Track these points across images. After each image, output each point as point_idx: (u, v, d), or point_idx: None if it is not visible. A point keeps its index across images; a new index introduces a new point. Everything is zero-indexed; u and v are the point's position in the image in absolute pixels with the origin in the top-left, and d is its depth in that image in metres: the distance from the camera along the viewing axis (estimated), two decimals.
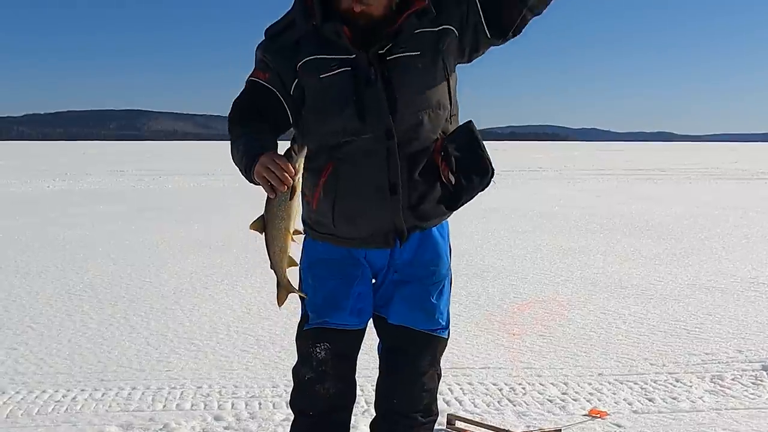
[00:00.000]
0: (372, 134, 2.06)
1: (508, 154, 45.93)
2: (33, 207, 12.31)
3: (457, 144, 2.15)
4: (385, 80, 2.05)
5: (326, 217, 2.17)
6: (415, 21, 2.07)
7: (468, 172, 2.15)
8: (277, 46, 2.14)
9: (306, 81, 2.10)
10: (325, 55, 2.07)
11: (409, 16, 2.05)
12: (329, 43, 2.06)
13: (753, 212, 11.71)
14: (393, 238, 2.18)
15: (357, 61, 2.05)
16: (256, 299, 5.34)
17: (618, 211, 11.80)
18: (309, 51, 2.09)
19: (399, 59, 2.07)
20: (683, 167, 29.90)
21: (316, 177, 2.12)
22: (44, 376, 3.66)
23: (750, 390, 3.53)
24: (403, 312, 2.26)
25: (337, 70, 2.05)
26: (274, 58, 2.13)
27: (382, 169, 2.09)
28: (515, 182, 19.19)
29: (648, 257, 7.28)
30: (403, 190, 2.12)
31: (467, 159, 2.14)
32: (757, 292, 5.71)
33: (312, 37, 2.09)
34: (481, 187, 2.19)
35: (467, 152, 2.15)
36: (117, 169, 26.71)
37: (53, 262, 6.87)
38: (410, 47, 2.07)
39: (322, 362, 2.25)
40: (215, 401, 3.32)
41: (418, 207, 2.16)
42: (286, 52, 2.11)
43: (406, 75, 2.07)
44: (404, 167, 2.11)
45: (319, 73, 2.07)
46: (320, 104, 2.09)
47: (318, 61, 2.07)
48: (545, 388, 3.53)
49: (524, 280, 6.11)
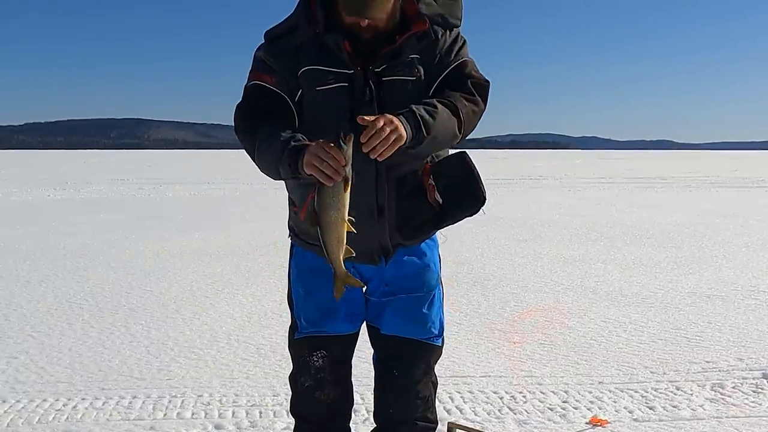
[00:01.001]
0: (361, 155, 2.00)
1: (509, 163, 46.00)
2: (34, 216, 12.32)
3: (449, 171, 2.17)
4: (379, 100, 2.05)
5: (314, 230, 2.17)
6: (415, 43, 2.08)
7: (458, 198, 2.17)
8: (278, 49, 2.12)
9: (305, 91, 2.09)
10: (324, 66, 2.06)
11: (409, 38, 2.07)
12: (329, 54, 2.06)
13: (753, 221, 11.71)
14: (378, 256, 2.20)
15: (354, 77, 2.05)
16: (256, 308, 5.34)
17: (618, 219, 11.81)
18: (309, 59, 2.08)
19: (394, 81, 2.07)
20: (683, 176, 29.92)
21: (305, 189, 2.09)
22: (45, 384, 3.66)
23: (750, 398, 3.52)
24: (395, 322, 2.27)
25: (334, 84, 2.05)
26: (276, 60, 2.11)
27: (370, 191, 2.09)
28: (516, 191, 19.22)
29: (648, 265, 7.28)
30: (390, 212, 2.14)
31: (458, 186, 2.17)
32: (757, 300, 5.71)
33: (313, 45, 2.08)
34: (469, 213, 2.20)
35: (459, 180, 2.17)
36: (117, 177, 26.74)
37: (54, 270, 6.88)
38: (406, 72, 2.07)
39: (320, 370, 2.27)
40: (216, 410, 3.32)
41: (404, 227, 2.18)
42: (288, 56, 2.10)
43: (400, 98, 2.05)
44: (392, 189, 2.12)
45: (316, 84, 2.07)
46: (314, 117, 2.09)
47: (316, 71, 2.07)
48: (546, 396, 3.53)
49: (525, 288, 6.11)
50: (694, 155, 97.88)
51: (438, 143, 2.06)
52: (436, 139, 2.01)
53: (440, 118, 2.01)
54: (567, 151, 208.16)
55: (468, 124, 2.12)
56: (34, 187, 20.79)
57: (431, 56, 2.12)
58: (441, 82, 2.13)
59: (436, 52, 2.12)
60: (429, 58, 2.12)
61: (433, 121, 1.98)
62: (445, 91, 2.11)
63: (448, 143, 2.12)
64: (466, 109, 2.09)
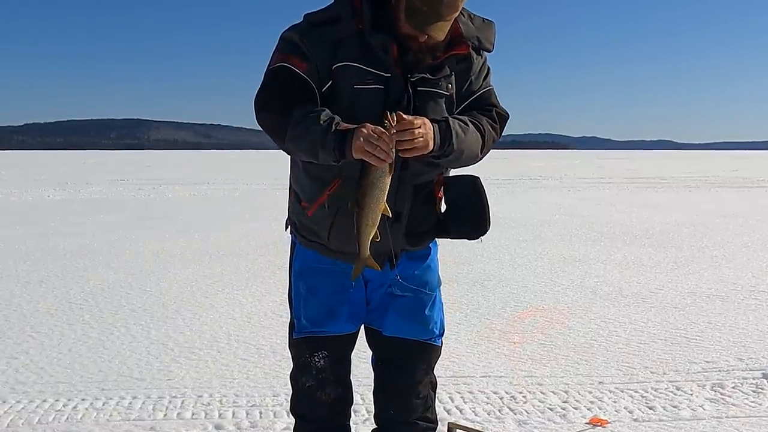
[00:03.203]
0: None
1: (509, 163, 46.00)
2: (33, 216, 12.32)
3: (459, 188, 2.22)
4: (414, 109, 2.03)
5: (321, 228, 2.17)
6: (454, 64, 2.11)
7: (461, 216, 2.21)
8: (317, 36, 2.06)
9: (339, 85, 2.05)
10: (364, 66, 2.03)
11: (450, 57, 2.09)
12: (371, 54, 2.03)
13: (753, 220, 11.71)
14: (384, 261, 2.20)
15: (393, 82, 2.04)
16: (256, 308, 5.34)
17: (618, 219, 11.81)
18: (349, 55, 2.04)
19: (429, 93, 2.08)
20: (684, 176, 29.92)
21: (320, 188, 2.10)
22: (45, 385, 3.66)
23: (750, 398, 3.53)
24: (397, 324, 2.27)
25: (372, 85, 2.03)
26: (314, 47, 2.05)
27: (391, 197, 2.04)
28: (516, 191, 19.22)
29: (648, 265, 7.28)
30: (404, 219, 2.15)
31: (464, 205, 2.21)
32: (757, 300, 5.71)
33: (354, 41, 2.04)
34: (468, 236, 2.24)
35: (467, 199, 2.21)
36: (117, 178, 26.74)
37: (54, 271, 6.88)
38: (440, 86, 2.09)
39: (321, 370, 2.27)
40: (216, 410, 3.32)
41: (413, 234, 2.20)
42: (326, 47, 2.05)
43: (432, 110, 2.07)
44: (410, 197, 2.14)
45: (353, 82, 2.04)
46: (347, 114, 2.00)
47: (355, 69, 2.03)
48: (546, 396, 3.53)
49: (525, 288, 6.11)
50: (694, 155, 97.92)
51: (462, 159, 2.10)
52: (462, 154, 2.06)
53: (469, 135, 2.06)
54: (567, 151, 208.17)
55: (487, 148, 2.17)
56: (34, 187, 20.79)
57: (464, 77, 2.16)
58: (468, 105, 2.18)
59: (469, 75, 2.17)
60: (462, 78, 2.16)
61: (464, 136, 2.03)
62: (473, 113, 2.16)
63: (469, 162, 2.15)
64: (489, 133, 2.16)
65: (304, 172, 2.16)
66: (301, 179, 2.19)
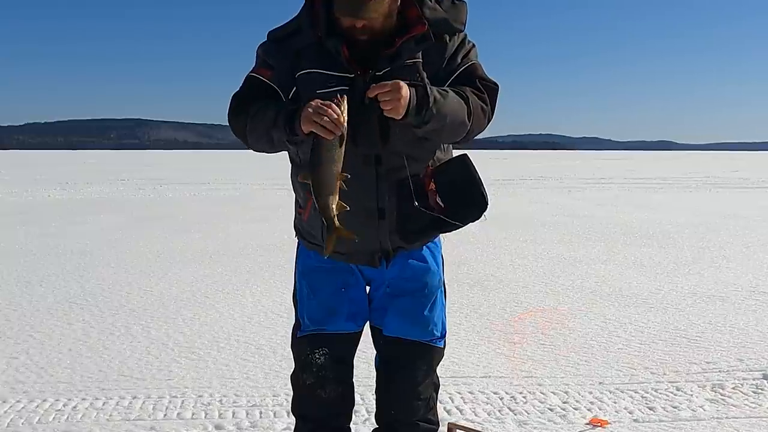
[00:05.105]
0: (362, 157, 2.06)
1: (509, 163, 46.01)
2: (34, 216, 12.32)
3: (450, 174, 2.18)
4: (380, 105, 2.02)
5: (315, 230, 2.20)
6: (413, 46, 2.07)
7: (459, 203, 2.17)
8: (279, 49, 2.15)
9: (303, 93, 2.09)
10: (325, 70, 2.07)
11: (407, 40, 2.06)
12: (330, 58, 2.06)
13: (754, 221, 11.71)
14: (379, 258, 2.21)
15: (355, 81, 2.05)
16: (256, 308, 5.34)
17: (619, 220, 11.81)
18: (309, 63, 2.09)
19: None
20: (684, 176, 29.92)
21: (308, 190, 2.10)
22: (45, 385, 3.66)
23: (751, 399, 3.52)
24: (397, 324, 2.28)
25: (335, 87, 2.04)
26: (276, 61, 2.14)
27: (371, 194, 2.10)
28: (516, 191, 19.21)
29: (648, 266, 7.28)
30: (390, 215, 2.15)
31: (461, 191, 2.17)
32: (757, 300, 5.71)
33: (314, 49, 2.09)
34: (471, 219, 2.19)
35: (461, 184, 2.17)
36: (118, 178, 26.73)
37: (54, 271, 6.88)
38: (407, 76, 2.03)
39: (322, 367, 2.28)
40: (216, 410, 3.32)
41: (405, 231, 2.18)
42: (287, 58, 2.12)
43: None
44: (393, 193, 2.13)
45: (316, 87, 2.06)
46: None
47: (316, 75, 2.08)
48: (546, 396, 3.53)
49: (525, 289, 6.11)
50: (694, 155, 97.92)
51: (447, 126, 2.04)
52: (446, 119, 2.01)
53: (450, 100, 2.02)
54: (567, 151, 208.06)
55: (476, 118, 2.10)
56: (34, 187, 20.77)
57: (439, 61, 2.12)
58: (452, 82, 2.12)
59: (444, 57, 2.13)
60: (436, 62, 2.11)
61: (443, 100, 1.99)
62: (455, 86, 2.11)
63: (457, 130, 2.09)
64: (475, 101, 2.09)
65: (294, 178, 2.24)
66: (295, 186, 2.27)
